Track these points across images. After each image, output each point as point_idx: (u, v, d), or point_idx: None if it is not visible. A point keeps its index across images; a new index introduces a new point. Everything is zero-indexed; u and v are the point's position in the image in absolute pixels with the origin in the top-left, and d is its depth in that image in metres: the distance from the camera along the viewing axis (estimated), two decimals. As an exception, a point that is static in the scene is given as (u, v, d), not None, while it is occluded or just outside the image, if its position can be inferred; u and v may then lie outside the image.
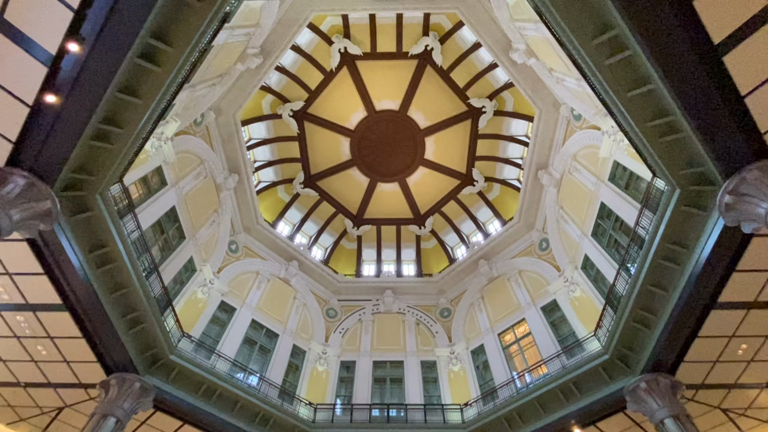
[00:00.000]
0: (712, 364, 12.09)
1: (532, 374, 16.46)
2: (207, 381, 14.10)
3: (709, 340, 11.48)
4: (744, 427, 13.82)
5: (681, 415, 11.43)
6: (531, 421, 14.41)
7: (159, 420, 13.89)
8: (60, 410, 13.89)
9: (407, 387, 19.20)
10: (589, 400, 13.32)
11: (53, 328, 11.61)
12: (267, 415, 15.12)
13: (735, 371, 12.24)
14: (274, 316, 20.07)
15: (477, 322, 20.74)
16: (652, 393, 11.89)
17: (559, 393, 13.91)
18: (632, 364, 12.68)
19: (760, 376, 12.35)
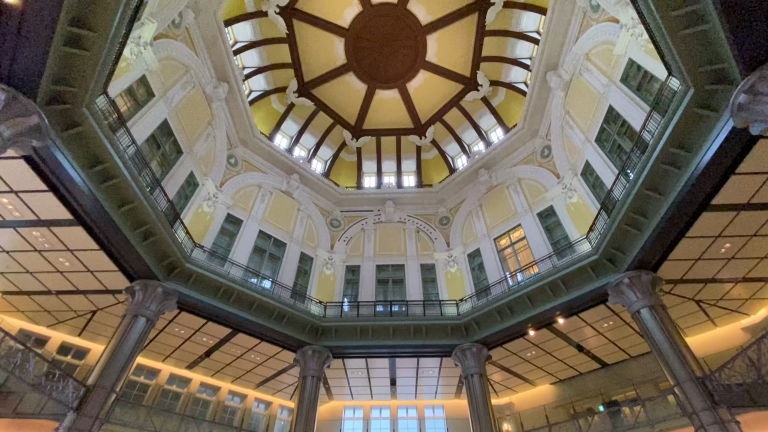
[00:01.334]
0: (693, 261, 12.91)
1: (524, 273, 17.73)
2: (223, 285, 15.30)
3: (695, 240, 12.08)
4: (712, 315, 15.34)
5: (656, 306, 12.63)
6: (520, 313, 15.95)
7: (185, 318, 15.46)
8: (93, 313, 15.36)
9: (408, 286, 20.86)
10: (575, 294, 14.56)
11: (70, 241, 12.19)
12: (282, 312, 16.74)
13: (714, 268, 13.12)
14: (280, 226, 20.86)
15: (474, 229, 21.61)
16: (633, 287, 12.96)
17: (547, 289, 15.15)
18: (618, 263, 13.55)
19: (737, 272, 13.29)
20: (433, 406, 22.11)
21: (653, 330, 12.20)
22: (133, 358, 12.45)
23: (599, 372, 18.48)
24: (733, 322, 15.44)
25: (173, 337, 16.56)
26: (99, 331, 16.05)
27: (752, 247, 12.29)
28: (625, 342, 16.72)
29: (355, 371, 19.72)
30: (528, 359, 18.21)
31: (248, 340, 16.88)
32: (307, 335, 17.50)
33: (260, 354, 17.92)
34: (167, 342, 16.86)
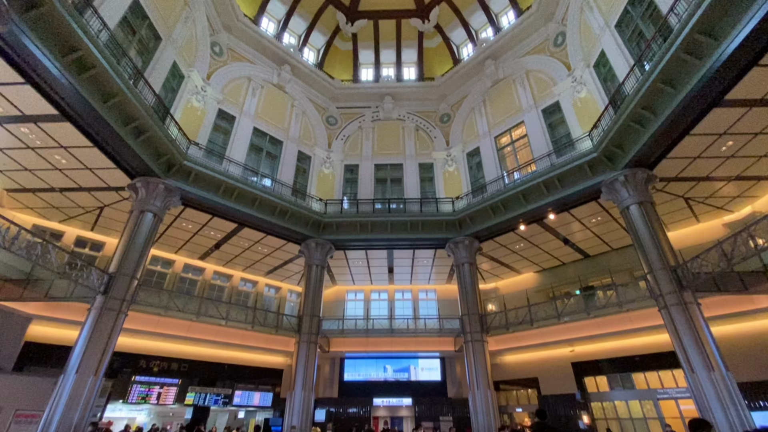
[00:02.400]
0: (691, 160, 12.90)
1: (521, 172, 17.87)
2: (224, 183, 15.52)
3: (698, 138, 11.87)
4: (697, 211, 15.95)
5: (646, 203, 13.07)
6: (513, 210, 16.57)
7: (190, 214, 16.06)
8: (101, 209, 15.85)
9: (406, 185, 21.22)
10: (569, 191, 14.93)
11: (62, 138, 11.91)
12: (284, 209, 17.34)
13: (710, 166, 13.18)
14: (275, 123, 20.22)
15: (476, 126, 21.03)
16: (627, 185, 13.22)
17: (542, 186, 15.46)
18: (616, 161, 13.57)
19: (732, 171, 13.39)
20: (426, 290, 24.51)
21: (638, 224, 12.85)
22: (147, 250, 13.31)
23: (581, 262, 20.03)
24: (716, 218, 16.16)
25: (182, 231, 17.42)
26: (111, 226, 16.79)
27: (754, 146, 12.15)
28: (609, 236, 17.76)
29: (355, 261, 21.31)
30: (516, 251, 19.54)
31: (254, 234, 17.82)
32: (310, 230, 18.42)
33: (267, 246, 19.10)
34: (177, 236, 17.80)
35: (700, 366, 10.40)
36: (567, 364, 18.09)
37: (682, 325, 11.06)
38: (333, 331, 20.05)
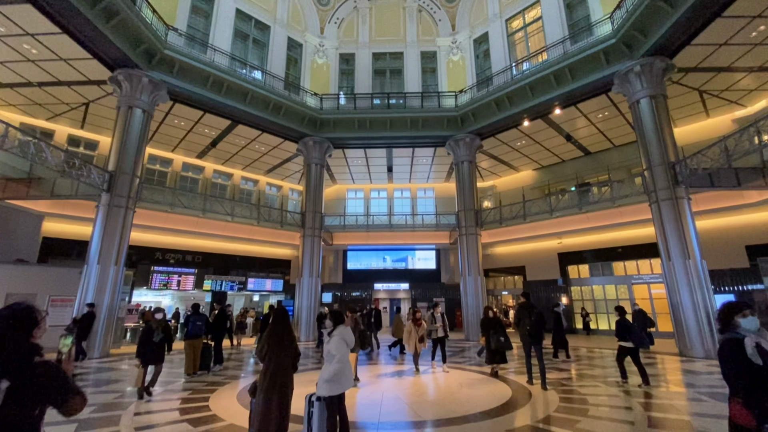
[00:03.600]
0: (716, 47, 11.86)
1: (531, 62, 16.59)
2: (211, 75, 14.51)
3: (729, 21, 10.72)
4: (710, 106, 15.29)
5: (658, 95, 12.45)
6: (519, 104, 15.87)
7: (181, 110, 15.39)
8: (86, 105, 15.09)
9: (406, 78, 19.90)
10: (579, 84, 14.09)
11: (25, 24, 10.71)
12: (278, 104, 16.56)
13: (734, 55, 12.17)
14: (260, 4, 17.98)
15: (485, 8, 18.79)
16: (642, 76, 12.42)
17: (551, 78, 14.54)
18: (635, 48, 12.50)
19: (755, 61, 12.40)
20: (425, 189, 24.98)
21: (646, 119, 12.46)
22: (142, 148, 13.12)
23: (580, 159, 19.97)
24: (726, 113, 15.57)
25: (176, 128, 16.92)
26: (101, 124, 16.22)
27: (791, 29, 11.06)
28: (613, 132, 17.37)
29: (354, 160, 21.22)
30: (517, 148, 19.32)
31: (250, 132, 17.37)
32: (307, 127, 17.89)
33: (264, 144, 18.79)
34: (171, 133, 17.35)
35: (678, 254, 11.22)
36: (554, 255, 19.48)
37: (669, 218, 11.58)
38: (335, 227, 21.04)
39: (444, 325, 9.44)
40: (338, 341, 4.32)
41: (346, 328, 4.48)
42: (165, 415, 5.56)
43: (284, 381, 4.09)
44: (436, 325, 9.36)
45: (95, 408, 5.84)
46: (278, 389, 4.02)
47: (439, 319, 9.41)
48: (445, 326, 9.45)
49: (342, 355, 4.25)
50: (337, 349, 4.27)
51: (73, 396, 1.76)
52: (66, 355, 1.92)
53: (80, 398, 1.79)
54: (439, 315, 9.48)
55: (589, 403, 6.05)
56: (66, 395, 1.74)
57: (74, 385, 1.79)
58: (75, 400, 1.77)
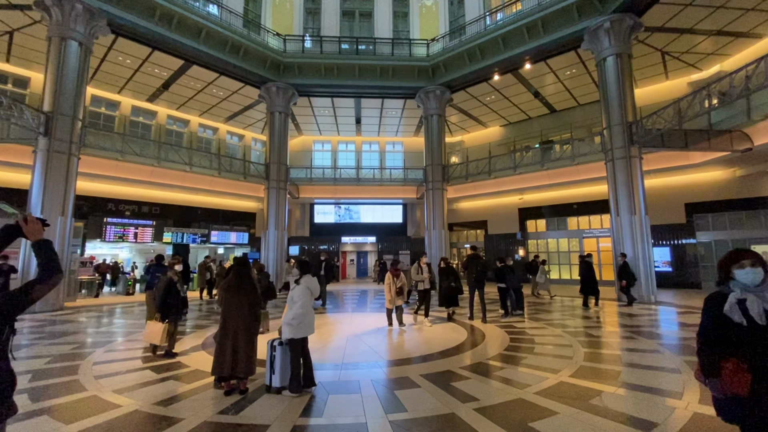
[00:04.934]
0: (683, 7, 11.97)
1: (505, 12, 16.10)
2: (158, 5, 12.98)
3: (700, -21, 10.78)
4: (669, 68, 15.72)
5: (624, 54, 12.61)
6: (490, 56, 15.57)
7: (126, 46, 13.83)
8: (10, 34, 13.18)
9: (377, 22, 18.81)
10: (550, 38, 13.94)
11: None
12: (236, 44, 15.26)
13: (698, 16, 12.36)
14: (212, -76, 15.87)
15: (462, -53, 17.65)
16: (611, 33, 12.44)
17: (524, 31, 14.26)
18: (607, 3, 12.41)
19: (716, 24, 12.68)
20: (394, 143, 24.68)
21: (610, 78, 12.68)
22: (82, 87, 11.84)
23: (546, 117, 20.29)
24: (683, 76, 16.12)
25: (121, 67, 15.29)
26: (31, 57, 14.31)
27: (751, -7, 11.30)
28: (578, 90, 17.62)
29: (321, 109, 20.37)
30: (486, 103, 19.25)
31: (206, 74, 16.04)
32: (269, 71, 16.76)
33: (223, 89, 17.50)
34: (116, 72, 15.69)
35: (626, 210, 12.03)
36: (514, 210, 20.30)
37: (621, 176, 12.24)
38: (301, 180, 20.58)
39: (432, 276, 8.86)
40: (303, 289, 4.40)
41: (312, 278, 4.56)
42: (126, 363, 5.54)
43: (237, 327, 4.24)
44: (422, 276, 8.66)
45: (51, 359, 5.71)
46: (231, 335, 4.19)
47: (425, 269, 8.72)
48: (432, 277, 8.87)
49: (305, 302, 4.35)
50: (300, 296, 4.36)
51: (37, 285, 1.70)
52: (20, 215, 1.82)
53: (47, 281, 1.72)
54: (425, 265, 8.75)
55: (535, 342, 6.65)
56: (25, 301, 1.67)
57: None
58: (40, 288, 1.71)
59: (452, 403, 3.86)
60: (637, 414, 3.51)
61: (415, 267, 8.86)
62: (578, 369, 5.00)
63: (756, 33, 13.12)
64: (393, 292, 7.96)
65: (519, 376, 4.76)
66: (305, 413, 3.73)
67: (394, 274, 8.15)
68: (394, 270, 8.24)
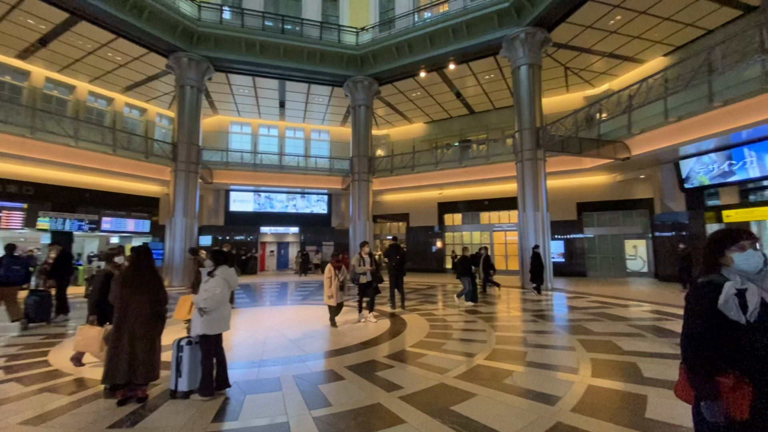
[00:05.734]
0: (584, 28, 13.55)
1: (433, 11, 16.56)
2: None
3: (597, 6, 12.25)
4: (570, 82, 17.78)
5: (535, 65, 13.87)
6: (418, 53, 15.91)
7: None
8: None
9: (305, 2, 17.98)
10: (473, 42, 14.72)
11: None
12: (140, 3, 13.30)
13: (595, 38, 14.14)
14: None
15: (394, -61, 17.66)
16: (525, 44, 13.56)
17: (450, 32, 14.83)
18: (524, 15, 13.46)
19: (609, 47, 14.65)
20: (320, 131, 24.02)
21: (523, 85, 13.85)
22: None
23: (466, 117, 21.54)
24: (580, 91, 18.38)
25: (-23, 10, 12.30)
26: None
27: (634, 25, 13.20)
28: (495, 95, 18.99)
29: (241, 88, 18.90)
30: (412, 99, 19.72)
31: (98, 33, 13.71)
32: (180, 40, 14.98)
33: (121, 53, 15.16)
34: (-30, 16, 12.59)
35: (531, 207, 13.33)
36: (434, 204, 21.27)
37: (529, 175, 13.50)
38: (216, 163, 18.93)
39: (375, 266, 8.01)
40: (219, 281, 3.96)
41: (229, 269, 4.13)
42: (-19, 375, 4.48)
43: (135, 329, 3.65)
44: (364, 268, 7.76)
45: None
46: (128, 339, 3.61)
47: (367, 260, 7.84)
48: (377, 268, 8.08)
49: (222, 291, 3.93)
50: (215, 287, 3.93)
51: None
52: None
53: None
54: (367, 256, 7.87)
55: (453, 328, 7.00)
56: None
57: None
58: None
59: (377, 393, 3.83)
60: (543, 390, 3.85)
61: (357, 258, 7.87)
62: (492, 352, 5.36)
63: (639, 58, 15.43)
64: (334, 288, 7.08)
65: (440, 361, 4.93)
66: (218, 418, 3.37)
67: (335, 266, 7.25)
68: (336, 261, 7.34)
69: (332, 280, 7.11)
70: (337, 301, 7.16)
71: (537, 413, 3.30)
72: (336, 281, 7.12)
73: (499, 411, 3.37)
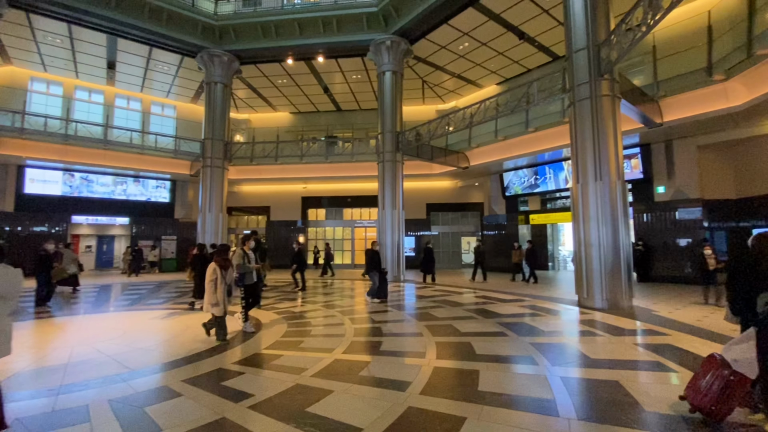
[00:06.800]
0: (440, 47, 15.18)
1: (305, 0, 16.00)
2: None
3: (451, 30, 13.88)
4: (426, 95, 19.74)
5: (398, 73, 14.83)
6: (286, 38, 15.12)
7: None
8: None
9: (149, -52, 14.98)
10: (344, 39, 14.82)
11: None
12: None
13: (448, 58, 16.01)
14: None
15: None
16: (390, 51, 14.36)
17: (321, 23, 14.58)
18: (390, 24, 14.23)
19: (457, 68, 16.81)
20: (164, 105, 20.54)
21: (387, 90, 14.65)
22: None
23: (333, 113, 21.63)
24: (434, 104, 20.61)
25: None
26: None
27: (478, 54, 15.48)
28: (362, 95, 19.64)
29: (50, 36, 14.60)
30: (278, 85, 18.70)
31: None
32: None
33: None
34: None
35: (390, 205, 14.22)
36: (298, 198, 20.71)
37: (389, 176, 14.37)
38: (5, 129, 14.14)
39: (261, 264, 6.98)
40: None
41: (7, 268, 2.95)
42: None
43: None
44: (250, 266, 6.63)
45: None
46: None
47: (252, 256, 6.78)
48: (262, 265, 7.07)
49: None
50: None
51: None
52: None
53: None
54: (251, 252, 6.82)
55: (312, 324, 6.83)
56: None
57: None
58: None
59: (223, 406, 3.36)
60: (396, 377, 4.03)
61: (240, 254, 6.54)
62: (350, 345, 5.40)
63: (480, 83, 18.12)
64: (221, 292, 5.67)
65: (296, 361, 4.69)
66: (-26, 477, 2.38)
67: (221, 265, 5.78)
68: (222, 260, 5.85)
69: (218, 283, 5.69)
70: (224, 310, 5.76)
71: (390, 401, 3.41)
72: (223, 284, 5.73)
73: (355, 405, 3.36)
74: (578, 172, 8.45)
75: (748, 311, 2.93)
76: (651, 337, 5.68)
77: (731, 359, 2.88)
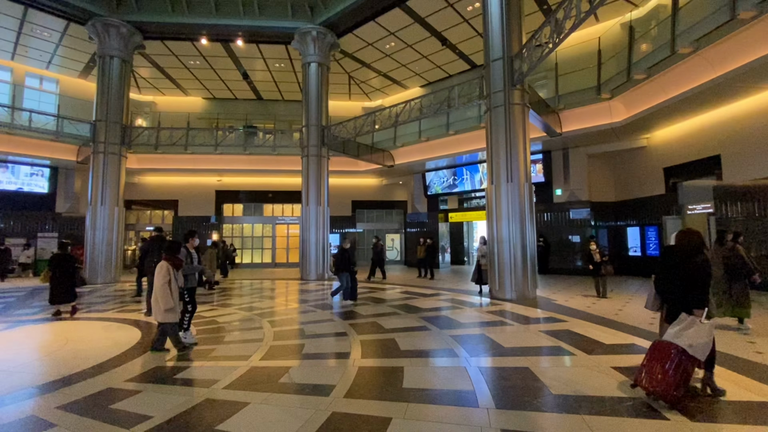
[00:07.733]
0: (366, 44, 15.13)
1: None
2: None
3: (378, 28, 13.91)
4: (352, 91, 19.57)
5: (324, 65, 14.45)
6: (199, 15, 13.74)
7: None
8: None
9: None
10: (265, 24, 13.95)
11: None
12: None
13: (374, 56, 16.06)
14: None
15: None
16: (316, 42, 13.91)
17: (240, 4, 13.53)
18: (316, 14, 13.78)
19: (383, 68, 16.97)
20: (43, 77, 17.27)
21: (312, 82, 14.17)
22: None
23: (253, 102, 20.31)
24: (360, 101, 20.56)
25: None
26: None
27: (403, 55, 15.77)
28: (284, 86, 18.76)
29: None
30: (189, 66, 16.96)
31: None
32: None
33: None
34: None
35: (314, 201, 13.81)
36: (211, 192, 19.07)
37: (314, 171, 13.93)
38: None
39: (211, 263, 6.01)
40: None
41: None
42: None
43: None
44: (194, 267, 5.62)
45: None
46: None
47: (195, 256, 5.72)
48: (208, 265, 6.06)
49: None
50: None
51: None
52: None
53: None
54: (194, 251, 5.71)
55: (226, 330, 6.27)
56: None
57: None
58: None
59: (110, 435, 2.84)
60: (319, 381, 3.84)
61: (184, 255, 5.43)
62: (268, 350, 5.05)
63: (405, 84, 18.50)
64: (175, 295, 4.87)
65: (207, 372, 4.22)
66: None
67: (173, 263, 4.93)
68: (173, 258, 4.95)
69: (171, 285, 4.85)
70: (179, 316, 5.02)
71: (313, 408, 3.21)
72: (175, 284, 4.91)
73: (272, 417, 3.09)
74: (492, 174, 9.07)
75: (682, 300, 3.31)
76: (552, 324, 6.30)
77: (686, 345, 3.09)
